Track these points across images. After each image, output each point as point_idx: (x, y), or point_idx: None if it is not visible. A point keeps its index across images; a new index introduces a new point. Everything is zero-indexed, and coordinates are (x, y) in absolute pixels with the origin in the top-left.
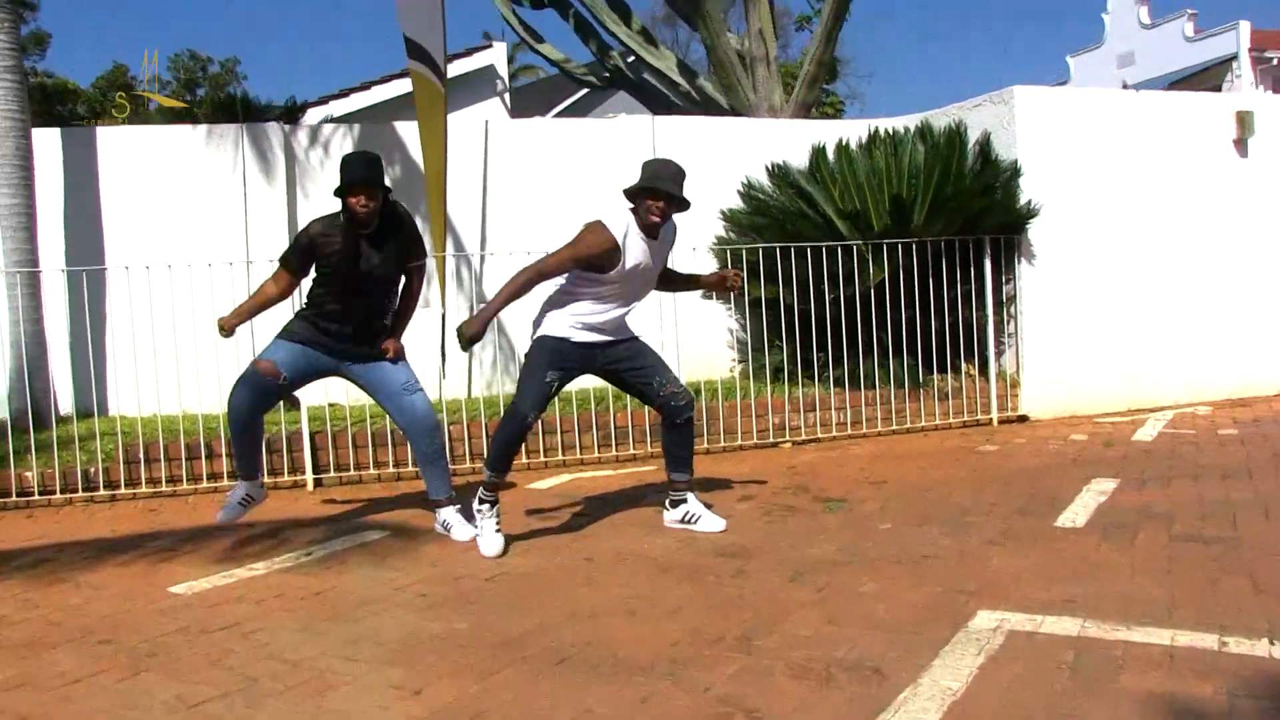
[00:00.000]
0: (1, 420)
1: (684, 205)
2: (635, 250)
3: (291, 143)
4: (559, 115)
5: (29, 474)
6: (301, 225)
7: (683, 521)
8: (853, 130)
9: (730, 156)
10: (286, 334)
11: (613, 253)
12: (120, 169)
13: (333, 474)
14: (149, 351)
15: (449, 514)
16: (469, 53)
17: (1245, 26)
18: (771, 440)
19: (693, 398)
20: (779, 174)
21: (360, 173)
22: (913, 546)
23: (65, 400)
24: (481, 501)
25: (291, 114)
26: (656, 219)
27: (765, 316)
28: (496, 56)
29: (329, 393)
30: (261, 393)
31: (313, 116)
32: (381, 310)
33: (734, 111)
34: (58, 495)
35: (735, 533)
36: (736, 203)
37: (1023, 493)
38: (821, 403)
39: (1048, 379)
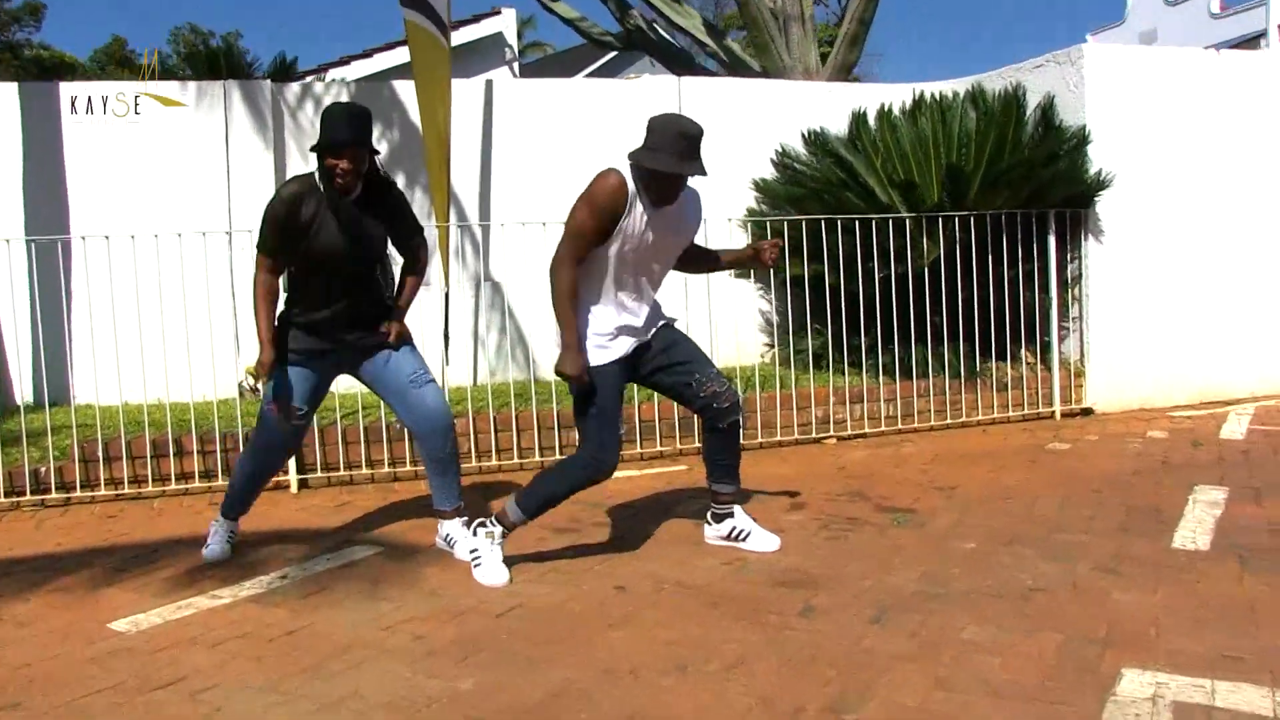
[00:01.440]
0: None
1: (679, 180)
2: (641, 213)
3: (280, 102)
4: None
5: None
6: None
7: (729, 539)
8: (896, 95)
9: (763, 122)
10: (279, 358)
11: (627, 205)
12: (86, 129)
13: (319, 473)
14: (111, 334)
15: (454, 528)
16: (476, 19)
17: (1275, 1)
18: (814, 435)
19: (738, 397)
20: (816, 141)
21: (343, 132)
22: (1010, 574)
23: (28, 388)
24: (490, 529)
25: (283, 74)
26: (666, 193)
27: (805, 297)
28: (505, 24)
29: None
30: (285, 440)
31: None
32: (372, 290)
33: (766, 74)
34: (2, 500)
35: (792, 553)
36: (769, 172)
37: (1118, 504)
38: (869, 394)
39: (1114, 368)
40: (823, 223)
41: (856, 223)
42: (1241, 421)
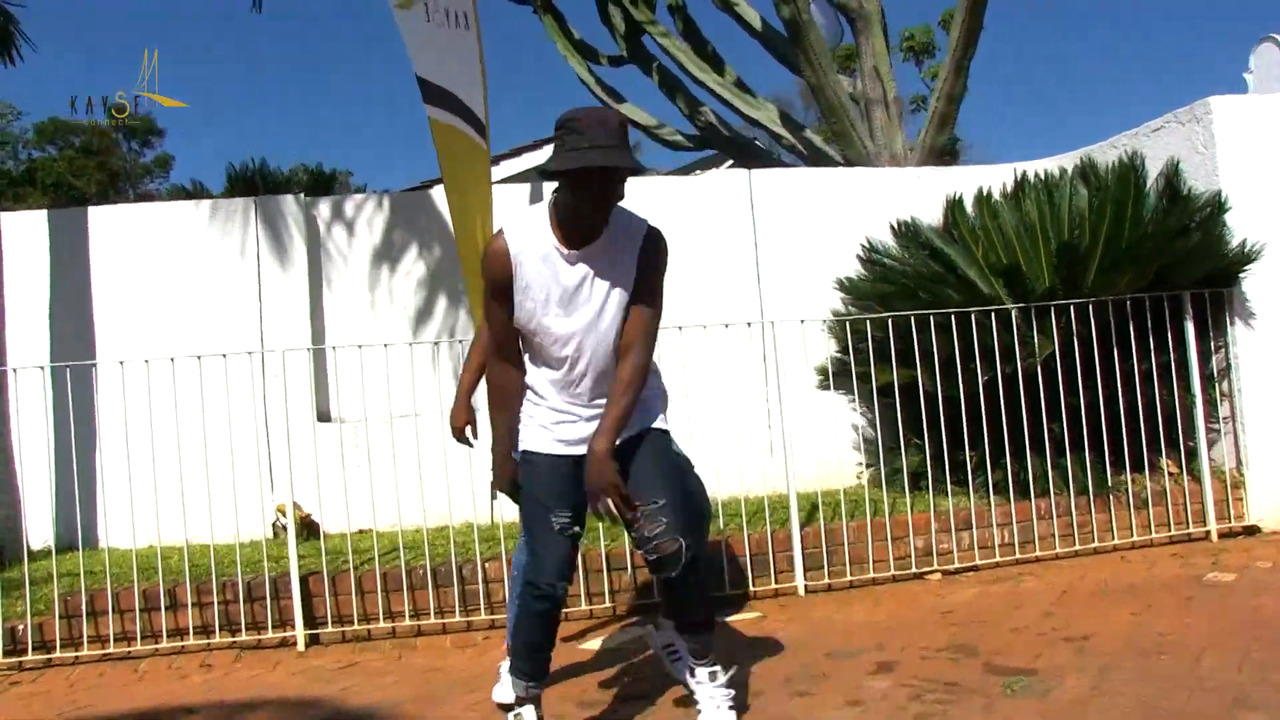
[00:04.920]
0: None
1: (627, 171)
2: (542, 272)
3: (313, 217)
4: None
5: None
6: (328, 312)
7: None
8: (995, 177)
9: (846, 214)
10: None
11: (512, 261)
12: (117, 253)
13: (331, 628)
14: (147, 465)
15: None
16: (515, 153)
17: None
18: (915, 570)
19: (680, 549)
20: (907, 233)
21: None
22: None
23: (46, 530)
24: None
25: (321, 187)
26: (589, 209)
27: (896, 407)
28: (545, 158)
29: (325, 518)
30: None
31: None
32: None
33: (848, 163)
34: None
35: None
36: (855, 269)
37: None
38: (979, 518)
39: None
40: (913, 320)
41: (953, 319)
42: None
